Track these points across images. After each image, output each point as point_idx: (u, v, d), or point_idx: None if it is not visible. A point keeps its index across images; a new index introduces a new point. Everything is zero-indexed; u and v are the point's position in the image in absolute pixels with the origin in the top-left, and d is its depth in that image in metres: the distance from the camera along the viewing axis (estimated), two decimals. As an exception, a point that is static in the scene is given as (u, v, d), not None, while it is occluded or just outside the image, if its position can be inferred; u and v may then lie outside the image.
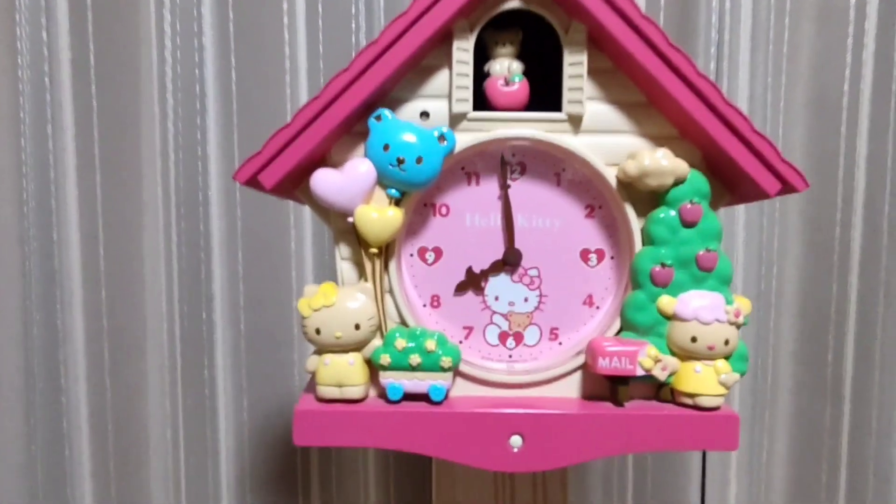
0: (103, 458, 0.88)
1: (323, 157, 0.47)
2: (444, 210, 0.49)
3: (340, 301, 0.45)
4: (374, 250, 0.46)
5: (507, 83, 0.47)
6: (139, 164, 0.87)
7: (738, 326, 0.45)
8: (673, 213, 0.45)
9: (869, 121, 0.86)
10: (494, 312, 0.50)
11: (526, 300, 0.50)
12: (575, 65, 0.46)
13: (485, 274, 0.49)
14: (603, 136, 0.47)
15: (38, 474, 0.88)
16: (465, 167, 0.49)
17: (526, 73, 0.47)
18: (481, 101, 0.47)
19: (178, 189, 0.87)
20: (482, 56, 0.48)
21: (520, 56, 0.48)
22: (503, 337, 0.50)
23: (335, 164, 0.47)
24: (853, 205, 0.88)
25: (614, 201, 0.48)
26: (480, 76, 0.48)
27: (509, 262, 0.49)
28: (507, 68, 0.47)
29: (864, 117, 0.86)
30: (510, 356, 0.50)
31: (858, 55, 0.86)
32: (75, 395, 0.86)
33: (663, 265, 0.46)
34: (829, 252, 0.89)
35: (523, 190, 0.49)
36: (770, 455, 0.94)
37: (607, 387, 0.47)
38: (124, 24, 0.84)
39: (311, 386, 0.48)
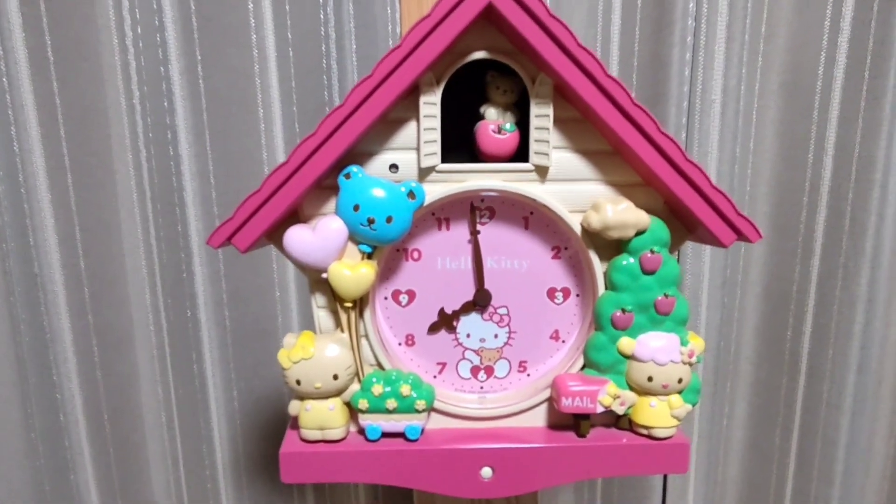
0: (102, 444, 0.92)
1: (294, 211, 0.48)
2: (416, 254, 0.51)
3: (318, 352, 0.47)
4: (349, 304, 0.47)
5: (499, 131, 0.47)
6: (111, 162, 0.86)
7: (692, 365, 0.49)
8: (633, 260, 0.48)
9: (839, 108, 0.87)
10: (466, 349, 0.53)
11: (496, 336, 0.52)
12: (541, 117, 0.46)
13: (456, 314, 0.51)
14: (569, 185, 0.48)
15: (41, 460, 0.92)
16: (435, 213, 0.50)
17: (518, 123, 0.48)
18: (468, 140, 0.48)
19: (152, 184, 0.87)
20: (480, 93, 0.47)
21: (516, 104, 0.48)
22: (475, 371, 0.53)
23: (307, 218, 0.48)
24: (820, 190, 0.90)
25: (579, 245, 0.50)
26: (473, 115, 0.47)
27: (480, 303, 0.51)
28: (502, 116, 0.47)
29: (835, 104, 0.87)
30: (481, 388, 0.53)
31: (834, 39, 0.86)
32: (69, 390, 0.89)
33: (624, 311, 0.48)
34: (794, 234, 0.93)
35: (492, 233, 0.50)
36: (730, 419, 1.01)
37: (571, 417, 0.51)
38: (81, 10, 0.81)
39: (296, 422, 0.51)
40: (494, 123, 0.47)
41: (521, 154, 0.48)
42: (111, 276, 0.88)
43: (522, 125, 0.47)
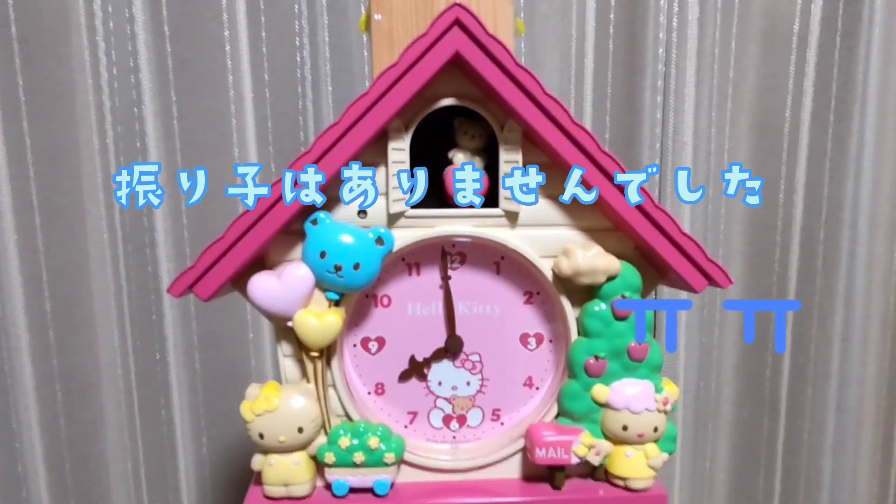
0: (62, 497, 0.88)
1: (260, 258, 0.47)
2: (385, 301, 0.50)
3: (283, 404, 0.45)
4: (315, 353, 0.46)
5: None
6: (81, 201, 0.84)
7: (667, 413, 0.48)
8: (605, 306, 0.47)
9: (808, 149, 0.89)
10: (438, 397, 0.51)
11: (468, 384, 0.51)
12: (510, 162, 0.46)
13: (428, 361, 0.50)
14: (539, 230, 0.48)
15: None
16: (405, 258, 0.49)
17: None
18: (437, 185, 0.47)
19: (123, 224, 0.85)
20: (446, 138, 0.47)
21: (484, 149, 0.48)
22: (447, 420, 0.52)
23: (272, 265, 0.47)
24: (792, 229, 0.91)
25: (551, 290, 0.49)
26: (442, 159, 0.47)
27: (451, 349, 0.50)
28: (470, 161, 0.47)
29: (803, 146, 0.89)
30: (454, 437, 0.52)
31: (800, 84, 0.88)
32: (28, 439, 0.85)
33: (597, 357, 0.47)
34: (769, 273, 0.93)
35: (464, 279, 0.50)
36: (713, 462, 1.00)
37: (546, 468, 0.49)
38: (55, 50, 0.80)
39: (259, 477, 0.49)
40: None
41: (491, 197, 0.47)
42: (78, 318, 0.86)
43: (491, 169, 0.47)
